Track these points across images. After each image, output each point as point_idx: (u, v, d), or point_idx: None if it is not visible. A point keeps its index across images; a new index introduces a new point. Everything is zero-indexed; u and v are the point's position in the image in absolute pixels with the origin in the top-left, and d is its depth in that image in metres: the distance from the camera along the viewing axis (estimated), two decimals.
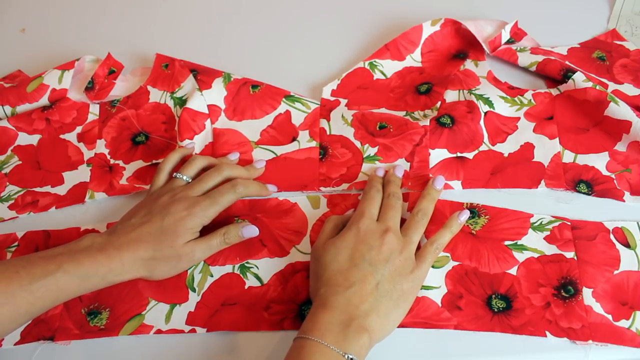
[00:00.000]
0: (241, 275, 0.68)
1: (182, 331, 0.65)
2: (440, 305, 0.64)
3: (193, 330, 0.65)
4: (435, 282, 0.66)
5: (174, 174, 0.71)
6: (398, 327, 0.62)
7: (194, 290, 0.68)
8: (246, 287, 0.68)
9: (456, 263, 0.67)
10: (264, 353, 0.64)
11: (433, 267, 0.66)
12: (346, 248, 0.62)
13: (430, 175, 0.73)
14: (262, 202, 0.73)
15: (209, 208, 0.67)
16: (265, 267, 0.69)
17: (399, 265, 0.61)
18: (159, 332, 0.65)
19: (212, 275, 0.69)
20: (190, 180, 0.71)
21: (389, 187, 0.70)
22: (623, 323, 0.62)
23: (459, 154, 0.75)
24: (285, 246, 0.70)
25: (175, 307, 0.67)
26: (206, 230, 0.68)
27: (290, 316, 0.65)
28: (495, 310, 0.64)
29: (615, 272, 0.65)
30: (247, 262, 0.69)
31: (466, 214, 0.69)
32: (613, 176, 0.71)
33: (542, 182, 0.72)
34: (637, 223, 0.68)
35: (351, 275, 0.60)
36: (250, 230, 0.69)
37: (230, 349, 0.64)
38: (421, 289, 0.65)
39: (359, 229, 0.63)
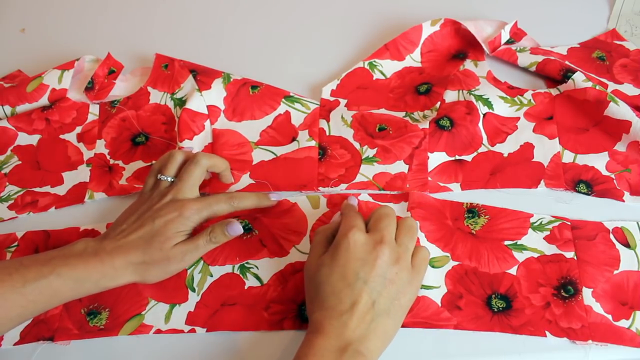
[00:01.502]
0: (241, 275, 0.68)
1: (181, 331, 0.65)
2: (440, 305, 0.64)
3: (193, 330, 0.65)
4: (435, 282, 0.66)
5: (158, 175, 0.69)
6: None
7: (193, 290, 0.68)
8: (246, 287, 0.68)
9: (456, 263, 0.67)
10: (263, 353, 0.64)
11: (433, 267, 0.66)
12: (338, 266, 0.58)
13: (429, 179, 0.73)
14: None
15: (201, 212, 0.66)
16: (265, 267, 0.69)
17: (395, 279, 0.58)
18: (158, 332, 0.65)
19: (211, 275, 0.69)
20: (173, 180, 0.69)
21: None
22: (623, 323, 0.62)
23: (457, 157, 0.75)
24: (285, 246, 0.70)
25: (175, 307, 0.67)
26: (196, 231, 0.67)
27: (290, 316, 0.65)
28: (495, 310, 0.64)
29: (615, 272, 0.65)
30: (247, 262, 0.69)
31: None
32: (613, 176, 0.71)
33: (542, 182, 0.72)
34: (637, 223, 0.68)
35: (345, 297, 0.56)
36: (235, 228, 0.66)
37: (230, 349, 0.64)
38: (421, 288, 0.65)
39: (350, 244, 0.59)
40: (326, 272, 0.58)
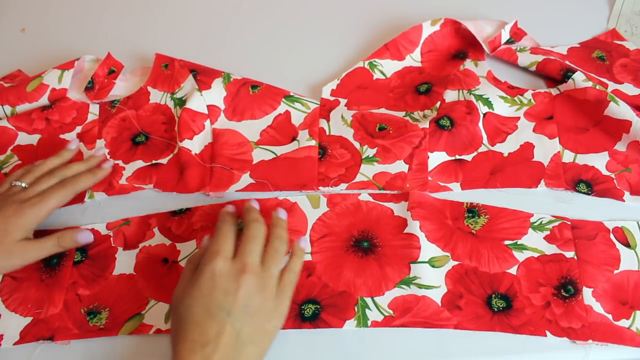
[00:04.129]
0: None
1: None
2: (440, 304, 0.64)
3: None
4: (435, 282, 0.66)
5: (13, 181, 0.71)
6: (399, 326, 0.62)
7: None
8: None
9: (456, 262, 0.67)
10: None
11: (433, 266, 0.66)
12: (201, 297, 0.57)
13: (429, 178, 0.73)
14: (261, 202, 0.73)
15: (39, 207, 0.68)
16: None
17: (260, 307, 0.58)
18: (158, 331, 0.65)
19: None
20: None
21: (248, 215, 0.65)
22: (623, 322, 0.62)
23: (457, 157, 0.75)
24: None
25: None
26: None
27: (290, 315, 0.65)
28: (495, 309, 0.64)
29: (616, 271, 0.65)
30: None
31: (305, 242, 0.67)
32: (613, 176, 0.71)
33: (542, 181, 0.72)
34: (637, 223, 0.68)
35: (208, 328, 0.55)
36: (85, 236, 0.70)
37: None
38: (421, 288, 0.65)
39: (213, 273, 0.58)
40: (189, 303, 0.57)
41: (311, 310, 0.66)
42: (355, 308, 0.65)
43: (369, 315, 0.65)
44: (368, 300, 0.66)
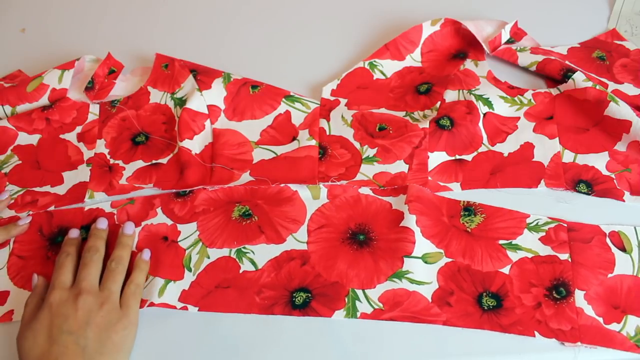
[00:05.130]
0: (237, 259, 0.69)
1: (174, 307, 0.66)
2: (430, 300, 0.65)
3: (184, 308, 0.66)
4: (426, 278, 0.66)
5: None
6: (387, 320, 0.63)
7: (190, 269, 0.69)
8: (241, 271, 0.68)
9: (449, 260, 0.67)
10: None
11: (426, 262, 0.67)
12: (42, 328, 0.60)
13: (429, 178, 0.73)
14: (262, 189, 0.74)
15: None
16: (261, 253, 0.70)
17: (102, 322, 0.61)
18: (151, 305, 0.66)
19: (208, 257, 0.69)
20: None
21: (88, 240, 0.69)
22: (614, 326, 0.62)
23: (457, 157, 0.75)
24: (282, 233, 0.71)
25: (169, 283, 0.68)
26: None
27: (281, 302, 0.66)
28: (485, 308, 0.64)
29: (610, 275, 0.65)
30: (244, 247, 0.70)
31: (147, 254, 0.70)
32: (613, 176, 0.71)
33: (542, 181, 0.72)
34: (635, 228, 0.68)
35: (52, 354, 0.58)
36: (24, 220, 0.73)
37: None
38: (412, 283, 0.66)
39: (51, 304, 0.61)
40: (32, 337, 0.59)
41: (302, 298, 0.66)
42: (346, 299, 0.66)
43: (358, 307, 0.65)
44: (359, 292, 0.66)
